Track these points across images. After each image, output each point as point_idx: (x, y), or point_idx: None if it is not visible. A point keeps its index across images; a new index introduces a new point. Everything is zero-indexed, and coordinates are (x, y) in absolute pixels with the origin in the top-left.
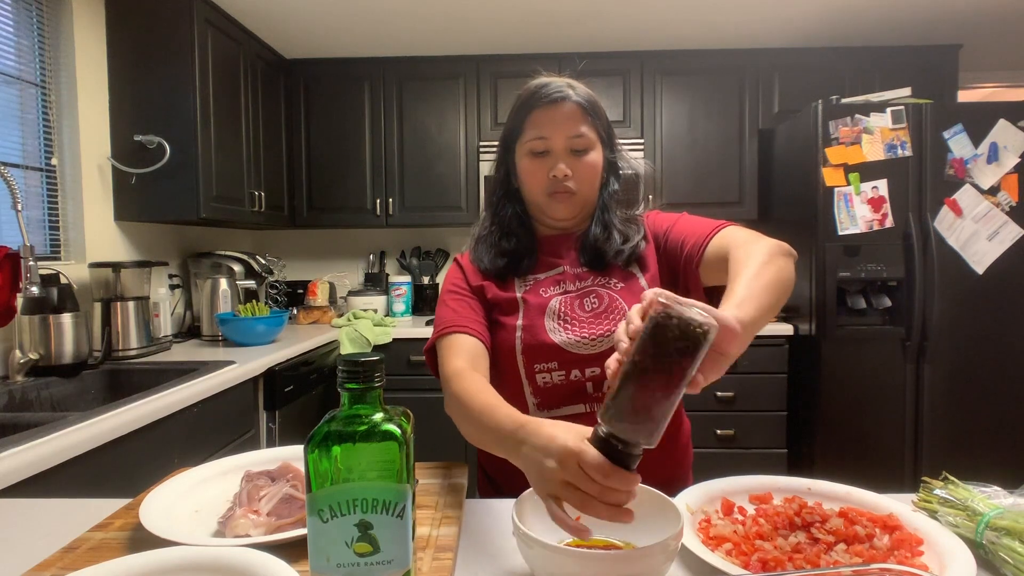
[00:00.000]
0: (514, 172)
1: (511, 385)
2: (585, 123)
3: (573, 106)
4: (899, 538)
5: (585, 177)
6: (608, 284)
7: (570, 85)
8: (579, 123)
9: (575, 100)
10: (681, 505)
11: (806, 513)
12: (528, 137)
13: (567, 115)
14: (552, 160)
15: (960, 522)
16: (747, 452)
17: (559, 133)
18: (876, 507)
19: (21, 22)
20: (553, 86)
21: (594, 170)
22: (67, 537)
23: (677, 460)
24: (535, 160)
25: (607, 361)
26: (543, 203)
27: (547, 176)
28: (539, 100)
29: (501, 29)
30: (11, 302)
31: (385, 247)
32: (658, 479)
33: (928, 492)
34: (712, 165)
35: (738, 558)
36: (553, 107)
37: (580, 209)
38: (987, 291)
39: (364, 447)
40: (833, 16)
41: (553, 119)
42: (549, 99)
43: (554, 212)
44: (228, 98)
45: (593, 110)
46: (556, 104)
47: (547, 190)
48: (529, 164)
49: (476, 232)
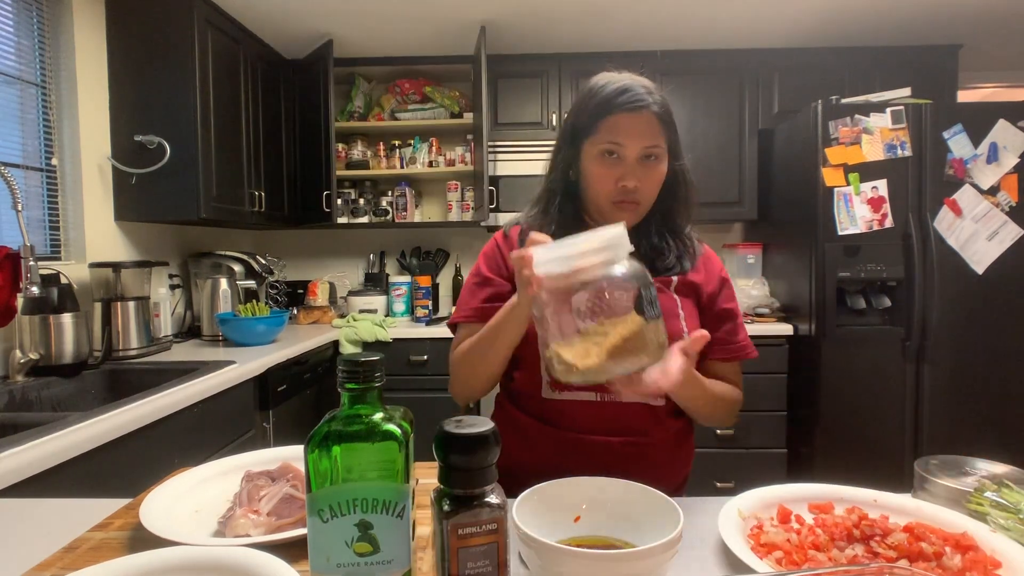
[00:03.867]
0: (576, 167)
1: (529, 365)
2: (660, 134)
3: (652, 116)
4: (973, 559)
5: (651, 188)
6: None
7: (649, 92)
8: (656, 134)
9: (655, 110)
10: (732, 510)
11: (865, 525)
12: (602, 139)
13: (646, 125)
14: (623, 168)
15: (1012, 525)
16: (747, 452)
17: (635, 143)
18: (949, 524)
19: (21, 22)
20: (635, 92)
21: (659, 180)
22: (67, 537)
23: (684, 460)
24: (605, 164)
25: None
26: (606, 209)
27: (615, 184)
28: (620, 105)
29: (501, 29)
30: (11, 302)
31: (385, 247)
32: (663, 481)
33: (979, 495)
34: (712, 165)
35: (788, 567)
36: (634, 115)
37: (640, 216)
38: (987, 291)
39: (364, 447)
40: (833, 16)
41: (632, 128)
42: (631, 106)
43: (615, 220)
44: (228, 98)
45: (668, 120)
46: (637, 112)
47: (613, 198)
48: (598, 168)
49: (525, 220)
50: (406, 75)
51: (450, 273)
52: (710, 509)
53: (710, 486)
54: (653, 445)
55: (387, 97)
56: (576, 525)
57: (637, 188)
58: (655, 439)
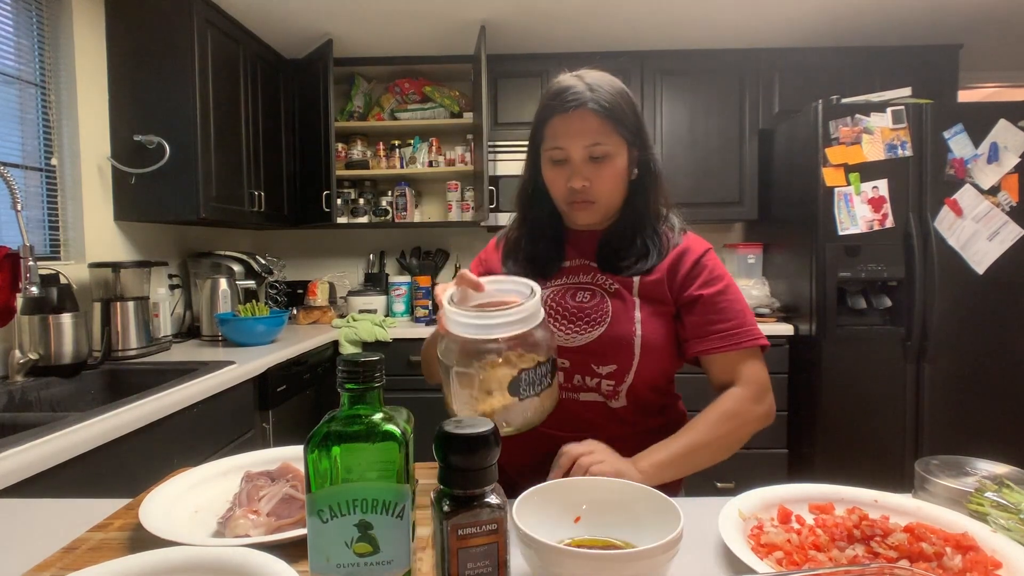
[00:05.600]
0: (540, 173)
1: None
2: (605, 130)
3: (590, 114)
4: (973, 559)
5: (604, 187)
6: (605, 285)
7: (591, 88)
8: (597, 132)
9: (593, 107)
10: (733, 510)
11: (866, 525)
12: (548, 145)
13: (584, 124)
14: (570, 170)
15: (1013, 526)
16: (747, 452)
17: (576, 143)
18: (949, 524)
19: (21, 22)
20: (571, 92)
21: (614, 178)
22: (67, 537)
23: None
24: (555, 168)
25: None
26: (565, 211)
27: (566, 186)
28: (554, 108)
29: (501, 29)
30: (11, 302)
31: (385, 247)
32: None
33: (979, 495)
34: (712, 165)
35: (789, 567)
36: (569, 115)
37: (602, 216)
38: (987, 291)
39: (364, 447)
40: (833, 16)
41: (569, 129)
42: (564, 108)
43: (574, 220)
44: (228, 98)
45: (615, 114)
46: (572, 112)
47: (566, 199)
48: (549, 172)
49: (509, 233)
50: (406, 75)
51: (450, 273)
52: (710, 509)
53: (710, 486)
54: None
55: (387, 97)
56: (576, 525)
57: (586, 188)
58: (619, 436)
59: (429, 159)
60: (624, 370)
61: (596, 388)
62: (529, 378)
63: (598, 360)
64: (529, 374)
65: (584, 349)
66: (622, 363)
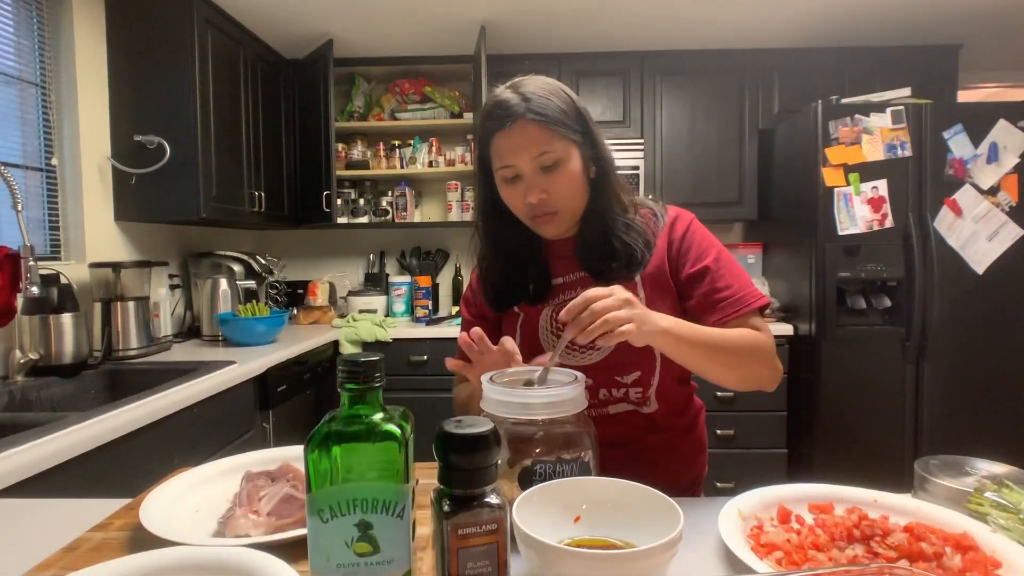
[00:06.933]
0: (498, 195)
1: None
2: (548, 137)
3: (530, 124)
4: (973, 559)
5: (563, 194)
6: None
7: (525, 98)
8: (541, 141)
9: (532, 117)
10: (733, 510)
11: (865, 525)
12: (497, 165)
13: (526, 136)
14: (524, 185)
15: (1012, 526)
16: (747, 452)
17: (523, 157)
18: (949, 524)
19: (21, 22)
20: (503, 106)
21: (571, 183)
22: (67, 537)
23: (691, 459)
24: (510, 187)
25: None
26: (531, 226)
27: (524, 203)
28: (493, 127)
29: (501, 29)
30: (11, 302)
31: (385, 247)
32: (670, 479)
33: (979, 495)
34: (712, 165)
35: (788, 567)
36: (509, 131)
37: (569, 223)
38: (987, 291)
39: (364, 447)
40: (833, 16)
41: (512, 145)
42: (502, 125)
43: (542, 234)
44: (228, 98)
45: (555, 119)
46: (511, 127)
47: (528, 215)
48: (506, 191)
49: (482, 264)
50: (406, 75)
51: (450, 273)
52: (710, 509)
53: (710, 486)
54: (657, 451)
55: (387, 97)
56: (576, 525)
57: (544, 200)
58: (656, 446)
59: (429, 159)
60: (649, 373)
61: (624, 398)
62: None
63: (620, 371)
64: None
65: (603, 364)
66: (646, 368)
